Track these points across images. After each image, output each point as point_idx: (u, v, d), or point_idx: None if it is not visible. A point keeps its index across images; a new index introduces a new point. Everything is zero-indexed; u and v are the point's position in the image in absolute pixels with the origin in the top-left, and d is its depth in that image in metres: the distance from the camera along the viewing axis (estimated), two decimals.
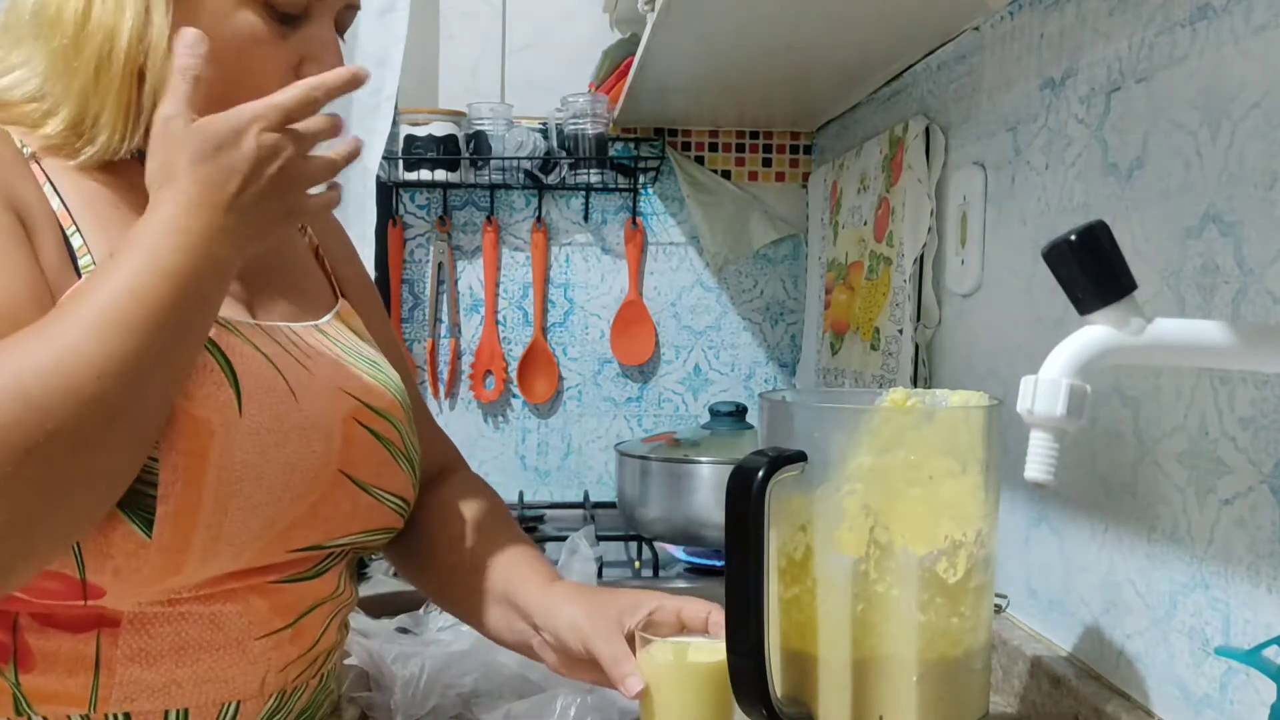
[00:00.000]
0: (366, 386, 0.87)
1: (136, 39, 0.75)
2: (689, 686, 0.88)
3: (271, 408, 0.78)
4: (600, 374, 2.04)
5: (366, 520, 0.85)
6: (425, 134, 1.86)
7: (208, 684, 0.77)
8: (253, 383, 0.77)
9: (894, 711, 0.81)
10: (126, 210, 0.78)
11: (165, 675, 0.75)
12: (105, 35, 0.74)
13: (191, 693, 0.77)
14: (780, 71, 1.59)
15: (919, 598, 0.80)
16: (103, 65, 0.75)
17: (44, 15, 0.76)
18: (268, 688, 0.81)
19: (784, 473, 0.79)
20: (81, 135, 0.77)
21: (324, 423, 0.81)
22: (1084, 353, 0.64)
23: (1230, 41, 0.81)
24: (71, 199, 0.76)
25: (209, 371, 0.75)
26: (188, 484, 0.71)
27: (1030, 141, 1.14)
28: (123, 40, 0.74)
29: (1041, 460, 0.64)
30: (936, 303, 1.39)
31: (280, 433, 0.78)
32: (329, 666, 0.88)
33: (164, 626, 0.75)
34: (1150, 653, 0.91)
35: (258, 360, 0.79)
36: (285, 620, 0.81)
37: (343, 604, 0.88)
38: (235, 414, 0.75)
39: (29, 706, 0.73)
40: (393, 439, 0.88)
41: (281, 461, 0.77)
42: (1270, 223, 0.77)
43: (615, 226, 2.02)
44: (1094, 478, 0.99)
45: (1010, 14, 1.20)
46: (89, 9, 0.75)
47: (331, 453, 0.81)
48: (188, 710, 0.77)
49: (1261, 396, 0.77)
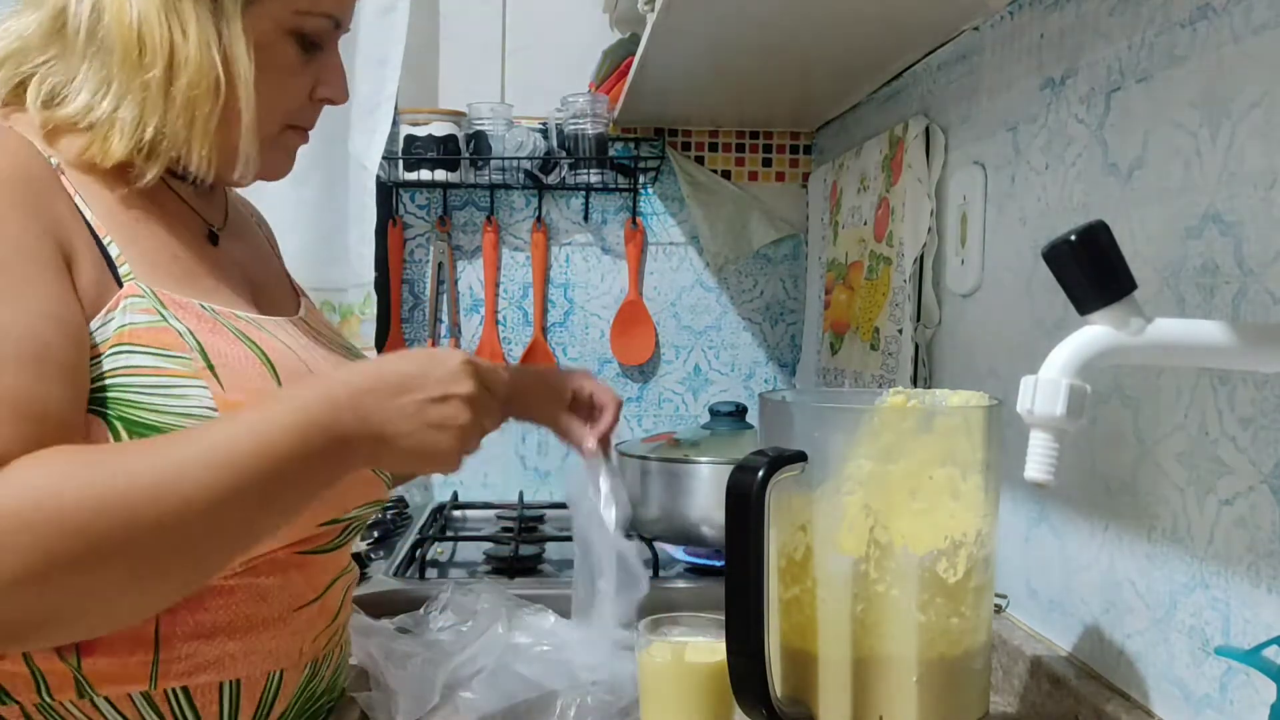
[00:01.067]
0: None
1: (224, 76, 0.79)
2: (688, 686, 0.88)
3: None
4: (600, 374, 2.04)
5: (366, 493, 0.89)
6: (425, 134, 1.85)
7: (255, 655, 0.81)
8: (287, 374, 0.81)
9: (894, 711, 0.81)
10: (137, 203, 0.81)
11: (219, 648, 0.79)
12: (196, 69, 0.78)
13: (243, 664, 0.80)
14: (780, 71, 1.59)
15: (919, 598, 0.80)
16: (200, 99, 0.79)
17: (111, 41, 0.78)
18: (304, 657, 0.86)
19: (784, 473, 0.79)
20: (151, 157, 0.80)
21: None
22: (1084, 353, 0.64)
23: (1230, 41, 0.81)
24: (97, 206, 0.79)
25: (253, 364, 0.79)
26: None
27: (1030, 141, 1.14)
28: (209, 77, 0.78)
29: (1041, 460, 0.64)
30: (936, 303, 1.39)
31: None
32: (345, 635, 0.95)
33: (217, 600, 0.79)
34: (1150, 653, 0.91)
35: (285, 351, 0.83)
36: (315, 592, 0.86)
37: (353, 577, 0.95)
38: None
39: (91, 688, 0.75)
40: None
41: None
42: (1270, 223, 0.77)
43: (615, 226, 2.02)
44: (1094, 478, 0.99)
45: (1010, 14, 1.20)
46: (171, 40, 0.77)
47: None
48: (240, 681, 0.81)
49: (1261, 396, 0.77)
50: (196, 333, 0.78)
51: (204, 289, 0.83)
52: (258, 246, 0.99)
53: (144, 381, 0.74)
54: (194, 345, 0.77)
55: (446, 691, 1.00)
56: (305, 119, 0.89)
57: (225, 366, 0.77)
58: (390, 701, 0.97)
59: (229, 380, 0.77)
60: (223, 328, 0.80)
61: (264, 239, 1.03)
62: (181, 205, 0.87)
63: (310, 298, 1.03)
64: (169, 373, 0.75)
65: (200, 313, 0.79)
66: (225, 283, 0.86)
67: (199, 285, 0.83)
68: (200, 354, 0.76)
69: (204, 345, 0.77)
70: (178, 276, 0.81)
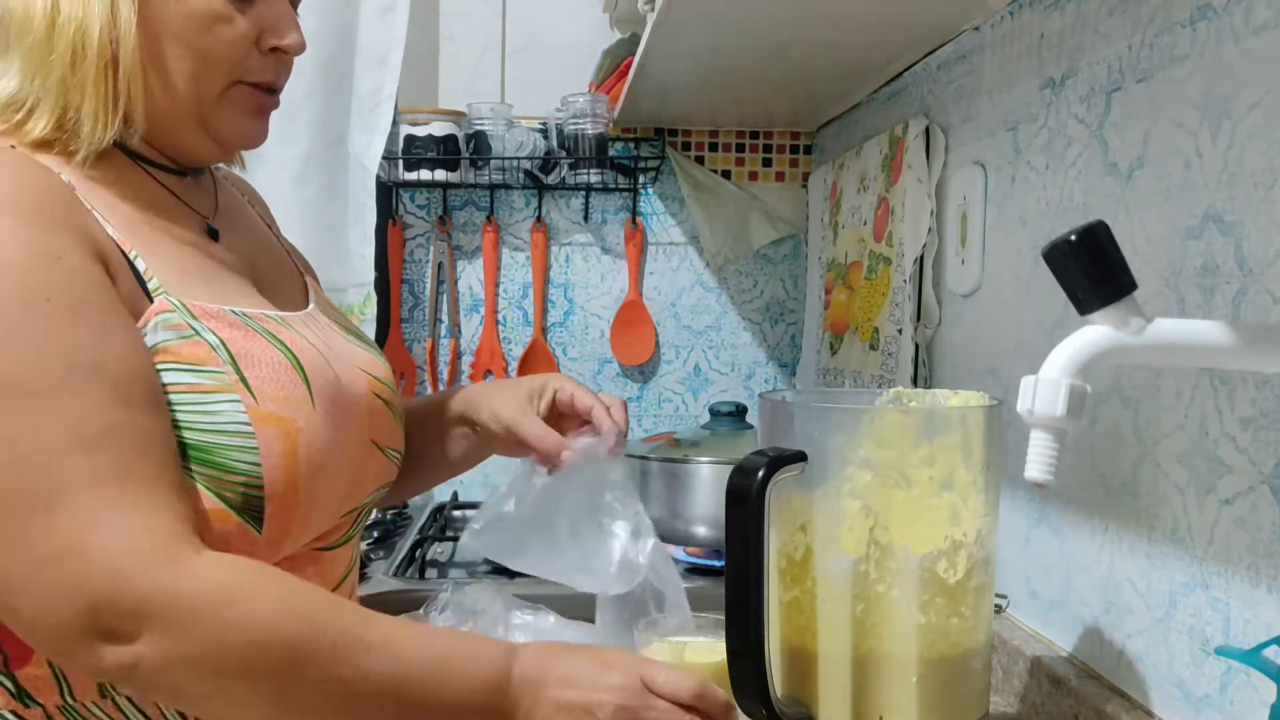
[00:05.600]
0: (369, 359, 0.93)
1: (108, 28, 0.77)
2: None
3: (328, 393, 0.82)
4: (600, 374, 2.04)
5: (379, 478, 0.91)
6: (425, 134, 1.85)
7: None
8: (314, 373, 0.82)
9: (894, 711, 0.81)
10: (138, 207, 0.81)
11: None
12: (76, 27, 0.77)
13: None
14: (780, 71, 1.59)
15: (919, 598, 0.80)
16: (77, 57, 0.77)
17: (12, 19, 0.78)
18: None
19: (784, 473, 0.79)
20: (66, 129, 0.78)
21: (356, 397, 0.87)
22: (1084, 353, 0.64)
23: (1230, 41, 0.81)
24: (112, 219, 0.78)
25: (284, 370, 0.79)
26: (287, 482, 0.77)
27: (1030, 141, 1.14)
28: (95, 31, 0.77)
29: (1041, 460, 0.64)
30: (936, 303, 1.39)
31: (338, 416, 0.83)
32: None
33: None
34: (1150, 653, 0.91)
35: (310, 350, 0.84)
36: (328, 587, 0.86)
37: (356, 574, 0.96)
38: (310, 408, 0.80)
39: (113, 689, 0.76)
40: (393, 402, 0.94)
41: (342, 442, 0.83)
42: (1270, 223, 0.77)
43: (615, 226, 2.02)
44: (1094, 478, 0.99)
45: (1010, 14, 1.20)
46: (56, 4, 0.77)
47: (363, 424, 0.88)
48: None
49: (1261, 396, 0.77)
50: (229, 342, 0.77)
51: (229, 292, 0.82)
52: (255, 230, 0.97)
53: (179, 399, 0.74)
54: (226, 358, 0.76)
55: None
56: (257, 73, 0.84)
57: (257, 376, 0.77)
58: None
59: (261, 390, 0.77)
60: (254, 333, 0.80)
61: (258, 217, 1.01)
62: (177, 203, 0.85)
63: (315, 274, 1.03)
64: (203, 389, 0.75)
65: (233, 320, 0.79)
66: (232, 278, 0.85)
67: (224, 289, 0.82)
68: (232, 366, 0.76)
69: (235, 355, 0.77)
70: (203, 283, 0.81)
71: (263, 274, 0.91)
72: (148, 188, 0.83)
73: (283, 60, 0.87)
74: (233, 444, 0.75)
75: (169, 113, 0.81)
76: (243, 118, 0.85)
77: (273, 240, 1.01)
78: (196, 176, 0.90)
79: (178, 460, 0.73)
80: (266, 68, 0.85)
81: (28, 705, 0.75)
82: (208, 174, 0.93)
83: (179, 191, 0.87)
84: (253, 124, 0.87)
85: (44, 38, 0.77)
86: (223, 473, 0.75)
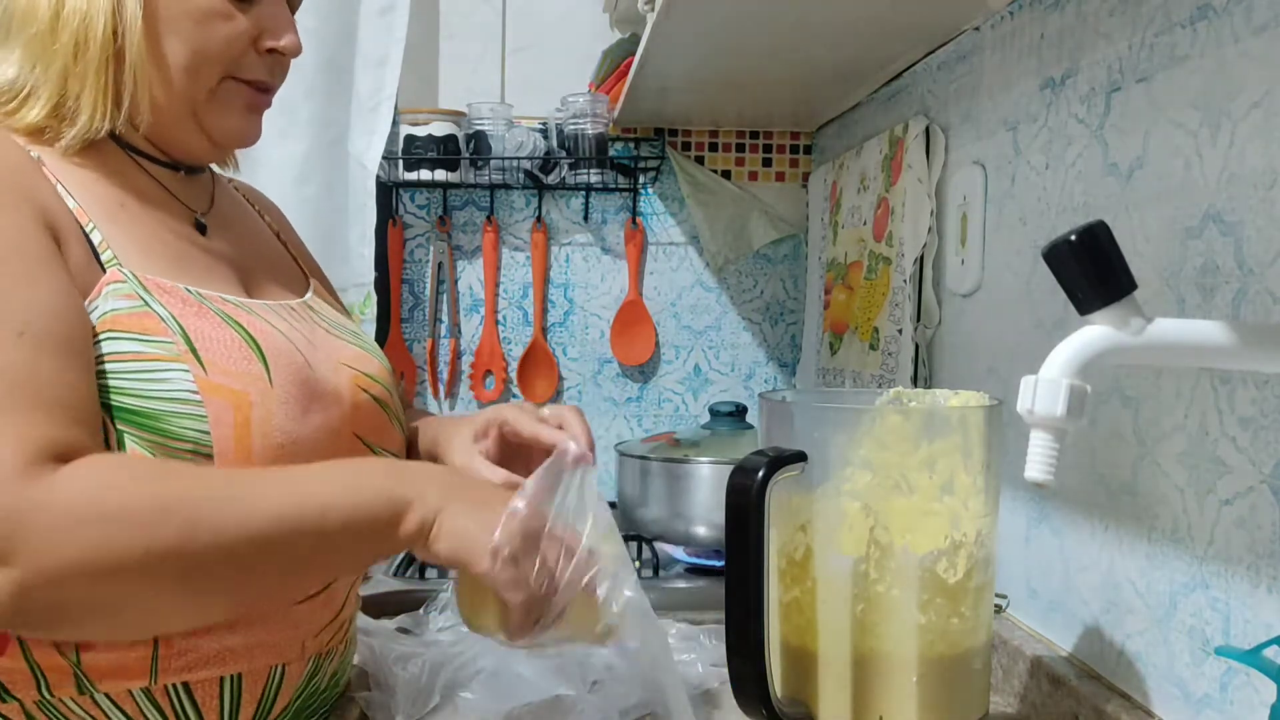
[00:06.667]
0: (358, 355, 0.92)
1: (112, 21, 0.79)
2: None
3: (294, 377, 0.82)
4: (600, 374, 2.04)
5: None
6: (425, 134, 1.85)
7: (257, 649, 0.81)
8: (275, 355, 0.82)
9: (894, 711, 0.81)
10: (119, 191, 0.82)
11: (219, 643, 0.79)
12: (81, 19, 0.78)
13: (244, 659, 0.80)
14: (780, 71, 1.59)
15: (919, 598, 0.80)
16: (80, 47, 0.79)
17: (15, 8, 0.80)
18: (307, 651, 0.85)
19: (784, 473, 0.79)
20: (63, 118, 0.80)
21: (336, 389, 0.87)
22: (1084, 353, 0.64)
23: (1230, 41, 0.81)
24: (79, 195, 0.79)
25: (237, 347, 0.79)
26: (239, 453, 0.76)
27: (1030, 141, 1.14)
28: (99, 23, 0.78)
29: (1041, 460, 0.64)
30: (936, 303, 1.39)
31: (305, 401, 0.82)
32: (351, 632, 0.94)
33: None
34: (1150, 653, 0.91)
35: (275, 335, 0.84)
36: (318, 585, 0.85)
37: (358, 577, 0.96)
38: (267, 385, 0.79)
39: (91, 684, 0.75)
40: (387, 401, 0.93)
41: (311, 427, 0.82)
42: (1270, 223, 0.77)
43: (615, 226, 2.02)
44: (1094, 478, 0.99)
45: (1010, 14, 1.20)
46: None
47: (345, 417, 0.87)
48: (241, 675, 0.81)
49: (1261, 396, 0.77)
50: (180, 316, 0.78)
51: (192, 274, 0.83)
52: (254, 233, 0.98)
53: (127, 367, 0.75)
54: (176, 329, 0.77)
55: (446, 691, 1.00)
56: (251, 70, 0.86)
57: (208, 349, 0.77)
58: (390, 701, 0.96)
59: (211, 362, 0.77)
60: (208, 311, 0.80)
61: (265, 225, 1.02)
62: (165, 194, 0.87)
63: (328, 279, 1.03)
64: (150, 357, 0.75)
65: (185, 296, 0.80)
66: (214, 270, 0.86)
67: (188, 270, 0.83)
68: (182, 337, 0.77)
69: (186, 328, 0.77)
70: (165, 261, 0.81)
71: (254, 271, 0.91)
72: (136, 177, 0.85)
73: (278, 61, 0.88)
74: (181, 411, 0.75)
75: (165, 107, 0.83)
76: (235, 114, 0.87)
77: (274, 243, 1.01)
78: (191, 174, 0.91)
79: (85, 410, 0.71)
80: (260, 67, 0.87)
81: (5, 700, 0.75)
82: (207, 174, 0.94)
83: (170, 185, 0.88)
84: (245, 121, 0.88)
85: (48, 28, 0.78)
86: (169, 439, 0.74)
